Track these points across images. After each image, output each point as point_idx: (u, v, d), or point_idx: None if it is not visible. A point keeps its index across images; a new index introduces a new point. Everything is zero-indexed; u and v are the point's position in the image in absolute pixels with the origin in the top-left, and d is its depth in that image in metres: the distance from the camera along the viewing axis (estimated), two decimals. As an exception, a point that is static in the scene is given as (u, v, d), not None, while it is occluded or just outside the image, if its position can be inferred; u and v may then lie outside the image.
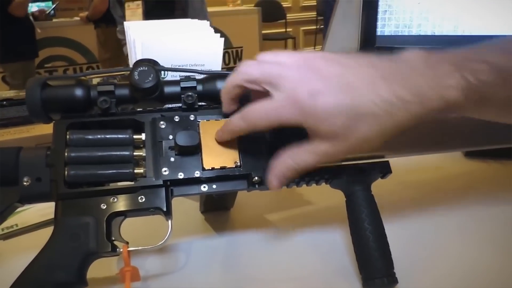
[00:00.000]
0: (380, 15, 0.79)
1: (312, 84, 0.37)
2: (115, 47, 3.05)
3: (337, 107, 0.36)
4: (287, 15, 4.60)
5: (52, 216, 0.55)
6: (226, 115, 0.46)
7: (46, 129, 0.47)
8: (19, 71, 2.77)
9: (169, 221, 0.44)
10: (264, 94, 0.39)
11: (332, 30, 0.90)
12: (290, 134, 0.43)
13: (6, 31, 2.65)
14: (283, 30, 4.64)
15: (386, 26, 0.79)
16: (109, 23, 3.01)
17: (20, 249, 0.52)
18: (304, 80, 0.37)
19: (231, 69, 0.48)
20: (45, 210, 0.57)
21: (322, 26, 4.15)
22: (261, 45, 3.90)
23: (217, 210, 0.60)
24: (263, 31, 4.02)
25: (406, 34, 0.77)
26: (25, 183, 0.42)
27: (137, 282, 0.44)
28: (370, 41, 0.81)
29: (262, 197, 0.60)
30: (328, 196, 0.47)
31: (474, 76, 0.34)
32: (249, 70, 0.40)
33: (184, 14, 2.27)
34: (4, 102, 0.68)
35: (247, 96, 0.44)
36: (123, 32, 2.61)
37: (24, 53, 2.81)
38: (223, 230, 0.56)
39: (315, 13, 4.66)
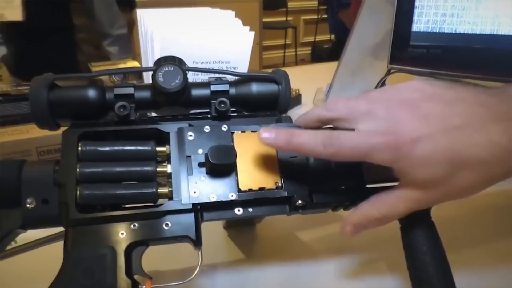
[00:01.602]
0: (417, 10, 0.72)
1: (409, 125, 0.32)
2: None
3: (438, 153, 0.31)
4: (288, 3, 4.50)
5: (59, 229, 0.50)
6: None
7: (48, 129, 0.40)
8: None
9: (199, 252, 0.37)
10: None
11: (358, 25, 0.83)
12: None
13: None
14: (284, 19, 4.54)
15: (422, 22, 0.73)
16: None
17: (20, 270, 0.46)
18: (399, 119, 0.33)
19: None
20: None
21: (324, 16, 4.06)
22: (261, 34, 3.80)
23: (242, 225, 0.53)
24: (264, 19, 3.93)
25: (445, 31, 0.71)
26: (28, 205, 0.35)
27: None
28: (404, 38, 0.74)
29: None
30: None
31: None
32: (336, 107, 0.36)
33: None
34: (0, 98, 0.61)
35: None
36: None
37: None
38: (250, 251, 0.49)
39: (317, 2, 4.56)
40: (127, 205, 0.37)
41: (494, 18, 0.69)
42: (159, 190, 0.37)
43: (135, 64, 0.72)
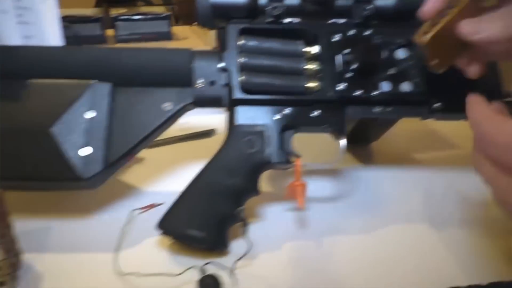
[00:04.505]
0: None
1: None
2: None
3: None
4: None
5: (189, 132, 0.58)
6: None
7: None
8: None
9: (342, 141, 0.41)
10: None
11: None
12: None
13: None
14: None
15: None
16: None
17: (161, 158, 0.53)
18: None
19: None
20: (183, 125, 0.56)
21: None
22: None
23: (358, 142, 0.57)
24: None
25: None
26: (198, 85, 0.40)
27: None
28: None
29: (404, 133, 0.58)
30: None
31: None
32: None
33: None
34: (139, 16, 0.67)
35: None
36: None
37: None
38: (368, 163, 0.53)
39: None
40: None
41: None
42: (308, 84, 0.41)
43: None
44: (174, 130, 0.56)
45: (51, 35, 0.46)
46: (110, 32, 0.78)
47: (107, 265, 0.36)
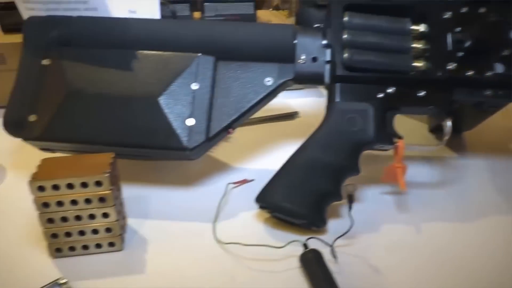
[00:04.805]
0: None
1: None
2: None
3: None
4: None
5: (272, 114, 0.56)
6: None
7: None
8: None
9: (448, 123, 0.39)
10: None
11: None
12: None
13: None
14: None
15: None
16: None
17: (247, 137, 0.53)
18: None
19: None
20: (266, 106, 0.56)
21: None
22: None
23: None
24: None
25: None
26: (300, 61, 0.40)
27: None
28: None
29: (498, 125, 0.54)
30: None
31: None
32: None
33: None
34: (225, -2, 0.68)
35: None
36: None
37: None
38: (461, 152, 0.50)
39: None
40: None
41: None
42: (415, 63, 0.39)
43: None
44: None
45: (152, 11, 0.47)
46: (196, 14, 0.80)
47: (207, 234, 0.37)
